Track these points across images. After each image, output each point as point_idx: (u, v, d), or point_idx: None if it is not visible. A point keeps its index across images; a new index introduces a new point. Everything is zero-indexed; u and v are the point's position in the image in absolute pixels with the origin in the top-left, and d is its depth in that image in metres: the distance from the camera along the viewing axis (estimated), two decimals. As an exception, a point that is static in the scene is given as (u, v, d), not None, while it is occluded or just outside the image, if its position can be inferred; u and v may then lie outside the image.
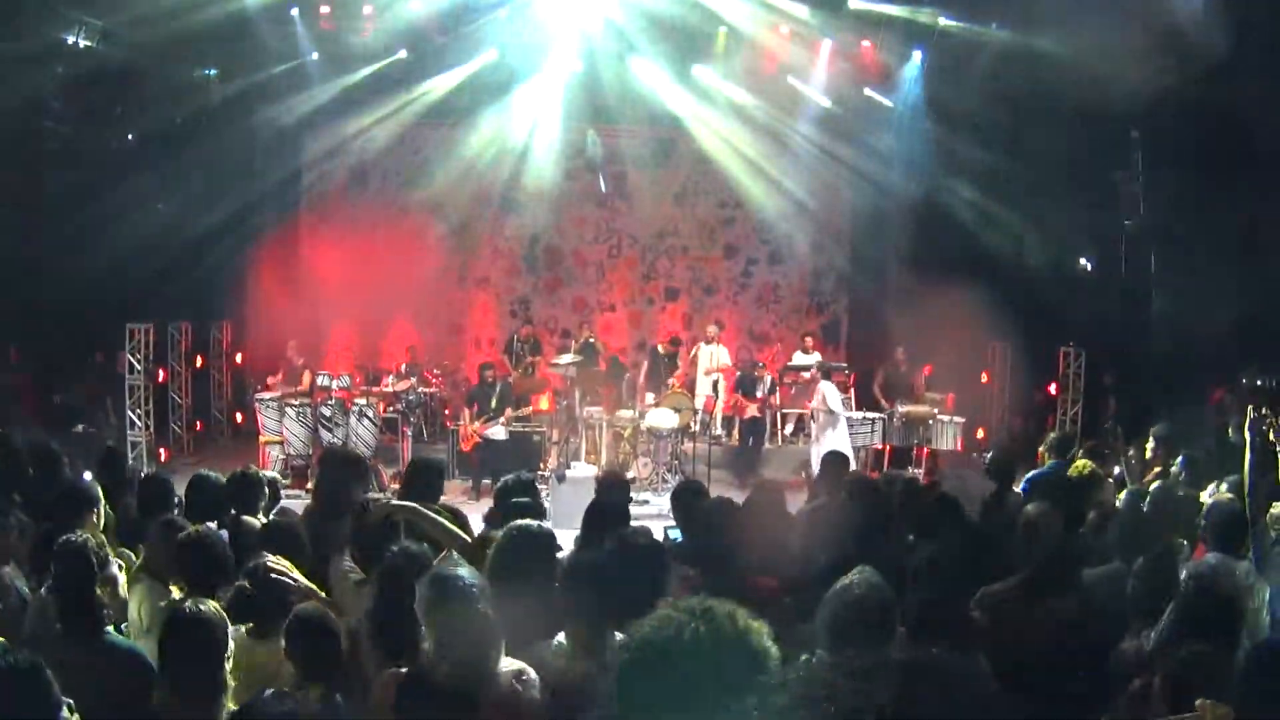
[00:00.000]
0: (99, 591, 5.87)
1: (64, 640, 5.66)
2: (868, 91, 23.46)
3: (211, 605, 5.54)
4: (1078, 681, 6.18)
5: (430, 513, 7.68)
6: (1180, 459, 11.42)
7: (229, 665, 5.27)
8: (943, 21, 20.48)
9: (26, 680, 4.37)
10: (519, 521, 7.02)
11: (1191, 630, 5.67)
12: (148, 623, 6.62)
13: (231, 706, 5.11)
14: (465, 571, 5.47)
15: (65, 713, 4.47)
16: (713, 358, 23.28)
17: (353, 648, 6.07)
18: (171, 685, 5.15)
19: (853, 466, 14.32)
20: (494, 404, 19.94)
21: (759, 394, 22.18)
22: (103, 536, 6.59)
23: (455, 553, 6.42)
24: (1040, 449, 13.44)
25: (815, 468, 15.42)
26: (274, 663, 5.93)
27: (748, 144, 24.09)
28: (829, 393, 19.16)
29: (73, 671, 4.87)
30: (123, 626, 6.64)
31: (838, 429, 18.77)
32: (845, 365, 23.65)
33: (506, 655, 5.43)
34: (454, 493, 15.71)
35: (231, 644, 5.38)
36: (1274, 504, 8.55)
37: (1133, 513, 8.96)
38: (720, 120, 23.91)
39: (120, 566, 6.56)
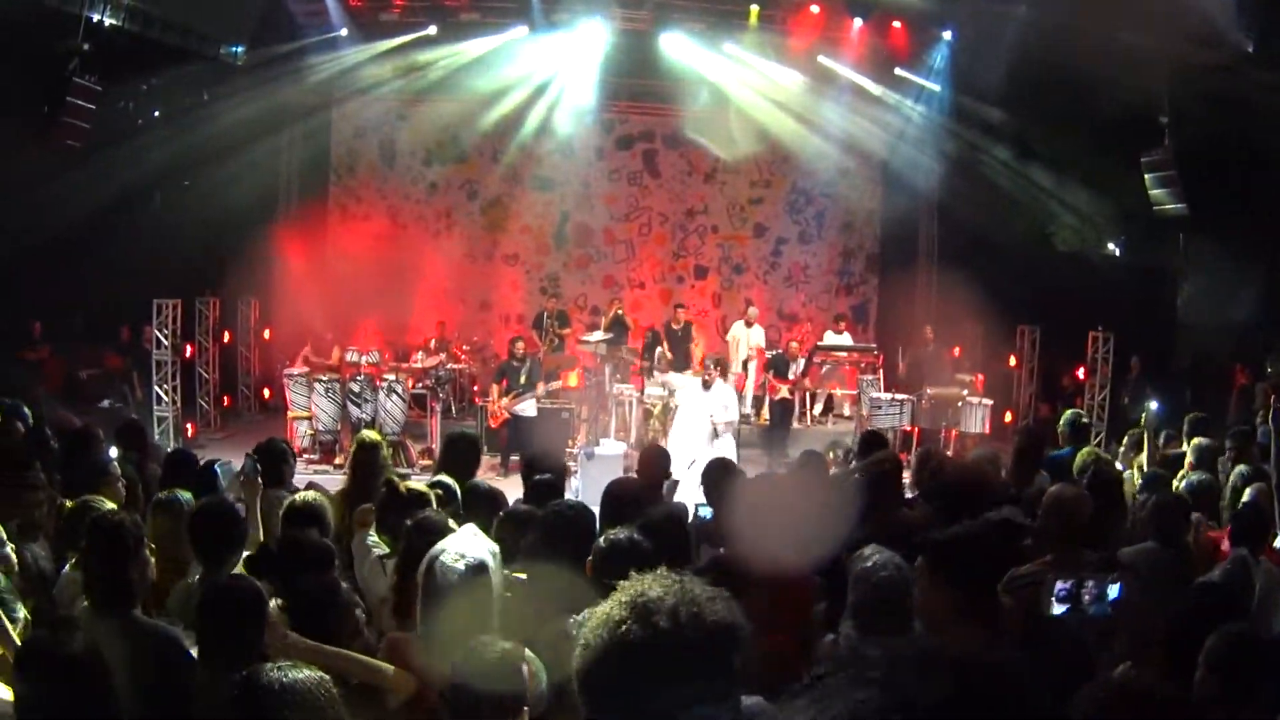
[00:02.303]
0: (132, 571, 5.82)
1: (92, 617, 5.58)
2: (898, 70, 23.37)
3: (249, 579, 5.54)
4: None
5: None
6: (1195, 444, 11.41)
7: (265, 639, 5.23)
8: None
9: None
10: (559, 500, 7.05)
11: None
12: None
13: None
14: (465, 554, 5.49)
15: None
16: (749, 339, 23.27)
17: (377, 621, 6.11)
18: (212, 661, 5.14)
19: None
20: (524, 380, 19.95)
21: (791, 375, 22.07)
22: (136, 516, 6.56)
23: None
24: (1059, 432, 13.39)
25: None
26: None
27: (777, 123, 24.03)
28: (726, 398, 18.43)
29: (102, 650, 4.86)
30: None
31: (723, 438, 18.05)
32: (875, 346, 23.60)
33: (528, 633, 5.44)
34: (483, 469, 15.76)
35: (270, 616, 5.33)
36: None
37: (1163, 494, 8.92)
38: (750, 98, 23.86)
39: (151, 547, 6.53)
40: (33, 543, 7.42)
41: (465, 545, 5.61)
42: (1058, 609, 5.68)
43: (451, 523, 6.56)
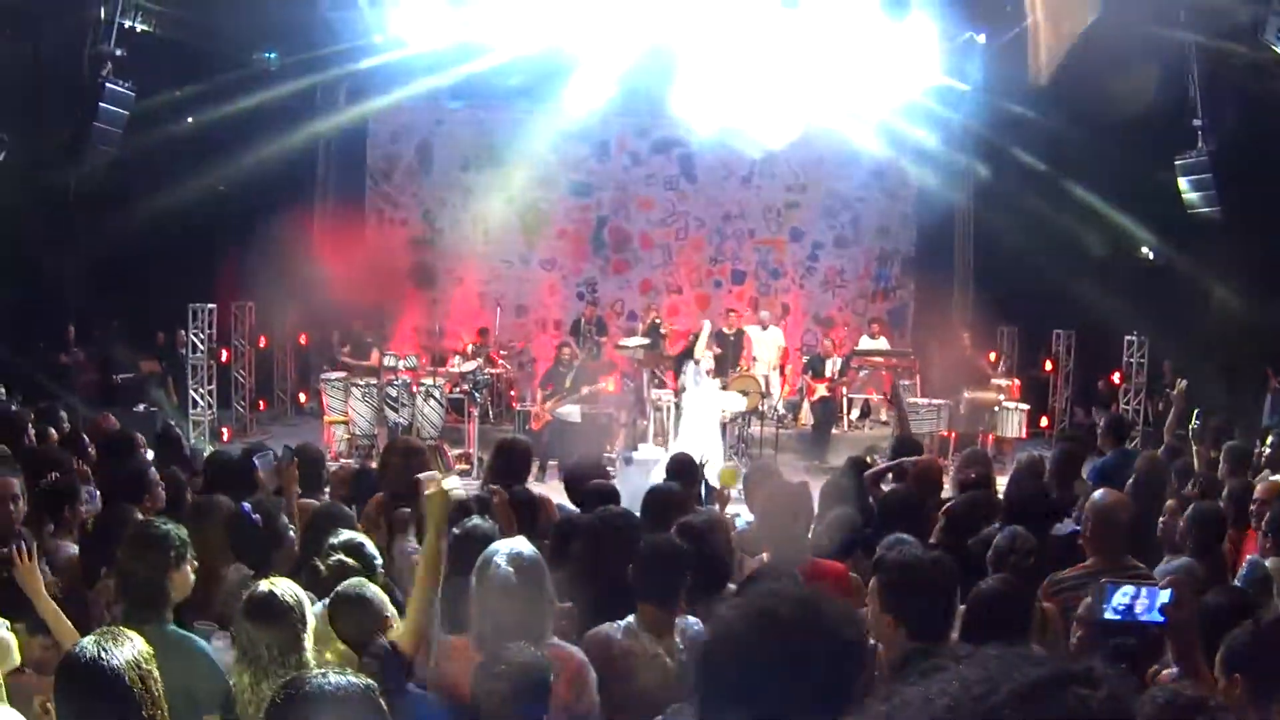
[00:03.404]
0: (171, 583, 5.79)
1: (126, 625, 5.52)
2: (931, 72, 23.33)
3: (287, 583, 5.53)
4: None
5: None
6: (1227, 447, 11.37)
7: (309, 643, 5.26)
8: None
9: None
10: (604, 507, 7.08)
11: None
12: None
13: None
14: (511, 557, 5.50)
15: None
16: (769, 341, 23.24)
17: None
18: (252, 667, 5.10)
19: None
20: (568, 384, 19.98)
21: (828, 373, 22.02)
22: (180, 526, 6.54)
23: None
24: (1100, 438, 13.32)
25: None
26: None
27: (814, 127, 23.99)
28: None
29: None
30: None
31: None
32: (911, 351, 23.55)
33: (575, 634, 5.47)
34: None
35: (312, 620, 5.34)
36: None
37: (1200, 505, 8.88)
38: (786, 104, 23.82)
39: (192, 556, 6.49)
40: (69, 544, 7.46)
41: (520, 546, 5.62)
42: (1111, 615, 5.64)
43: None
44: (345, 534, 6.61)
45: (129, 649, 4.40)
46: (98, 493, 8.60)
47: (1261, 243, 18.16)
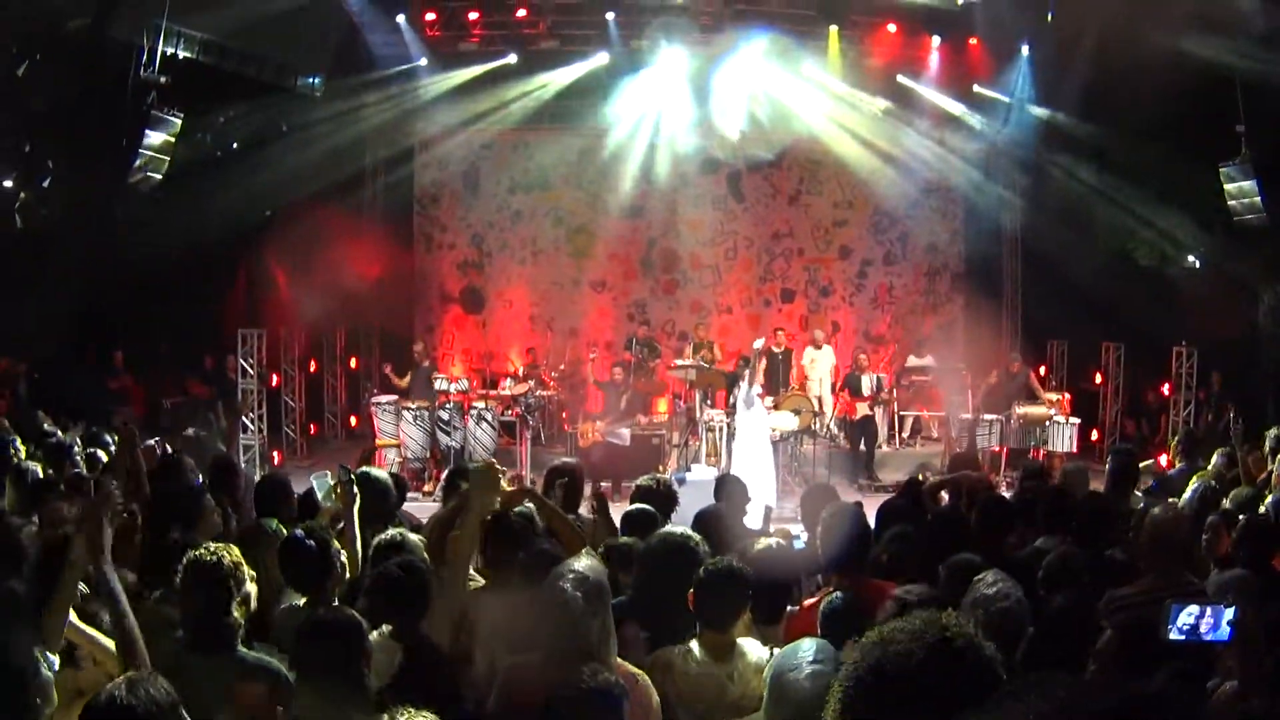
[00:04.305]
0: (233, 610, 5.78)
1: (190, 656, 5.49)
2: (976, 88, 23.33)
3: (347, 611, 5.56)
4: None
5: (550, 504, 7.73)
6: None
7: (369, 670, 5.25)
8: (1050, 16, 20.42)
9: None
10: (666, 529, 7.11)
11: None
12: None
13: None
14: (577, 579, 5.51)
15: None
16: (815, 363, 23.17)
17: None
18: (311, 693, 5.11)
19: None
20: (622, 405, 20.04)
21: (866, 392, 21.97)
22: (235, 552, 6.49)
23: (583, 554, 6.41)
24: (1170, 451, 13.26)
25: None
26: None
27: (859, 144, 24.03)
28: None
29: (201, 688, 4.88)
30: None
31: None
32: (963, 366, 23.46)
33: (634, 658, 5.50)
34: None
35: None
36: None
37: (1252, 517, 8.82)
38: (832, 120, 23.87)
39: (252, 578, 6.47)
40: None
41: (588, 568, 5.63)
42: (1176, 635, 5.60)
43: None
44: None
45: (155, 690, 4.36)
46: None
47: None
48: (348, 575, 7.16)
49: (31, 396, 18.15)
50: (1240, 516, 8.68)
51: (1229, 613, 5.38)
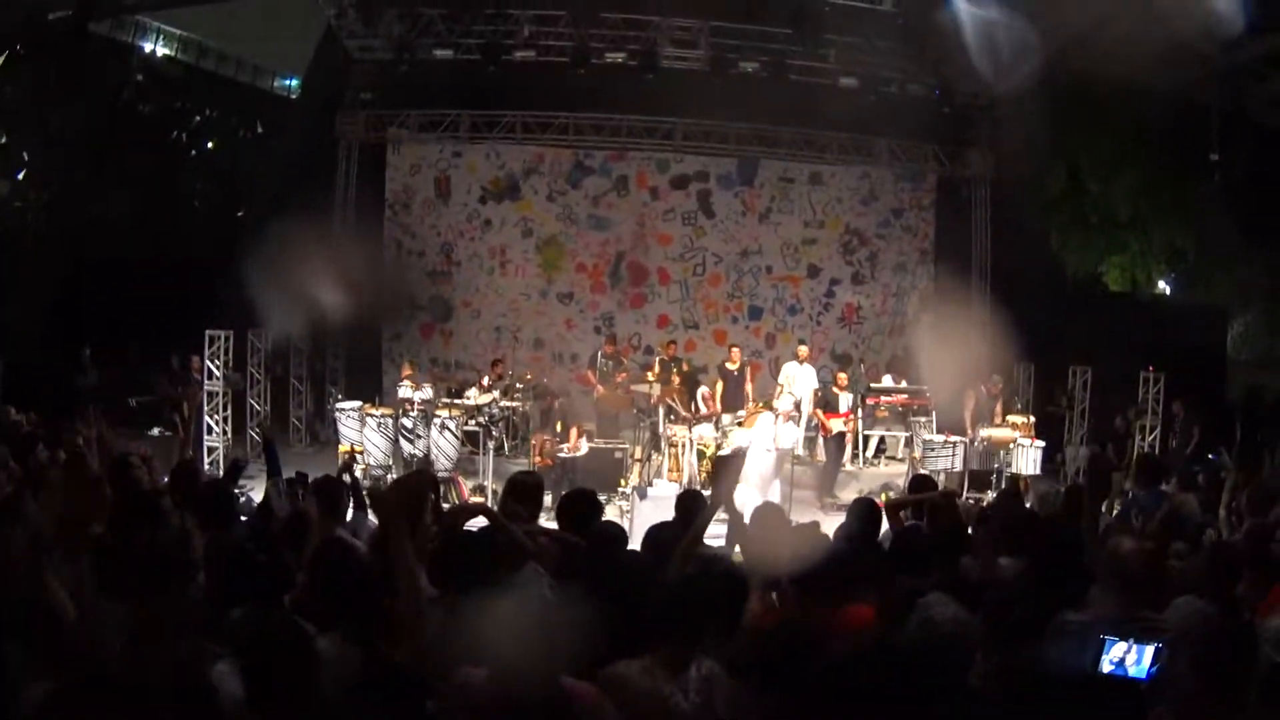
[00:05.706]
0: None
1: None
2: (945, 109, 23.41)
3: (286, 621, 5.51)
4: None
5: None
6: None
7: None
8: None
9: None
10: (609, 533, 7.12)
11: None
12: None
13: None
14: (529, 594, 5.49)
15: None
16: (797, 379, 23.13)
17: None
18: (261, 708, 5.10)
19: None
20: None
21: (843, 409, 21.94)
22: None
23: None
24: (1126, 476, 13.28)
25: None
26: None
27: (828, 160, 24.11)
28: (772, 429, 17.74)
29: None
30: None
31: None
32: (926, 389, 23.47)
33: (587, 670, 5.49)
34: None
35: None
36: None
37: (1219, 544, 8.82)
38: (803, 135, 23.94)
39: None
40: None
41: (538, 583, 5.61)
42: (1108, 668, 5.63)
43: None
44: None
45: None
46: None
47: (1278, 274, 18.23)
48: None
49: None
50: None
51: (1150, 651, 5.43)
